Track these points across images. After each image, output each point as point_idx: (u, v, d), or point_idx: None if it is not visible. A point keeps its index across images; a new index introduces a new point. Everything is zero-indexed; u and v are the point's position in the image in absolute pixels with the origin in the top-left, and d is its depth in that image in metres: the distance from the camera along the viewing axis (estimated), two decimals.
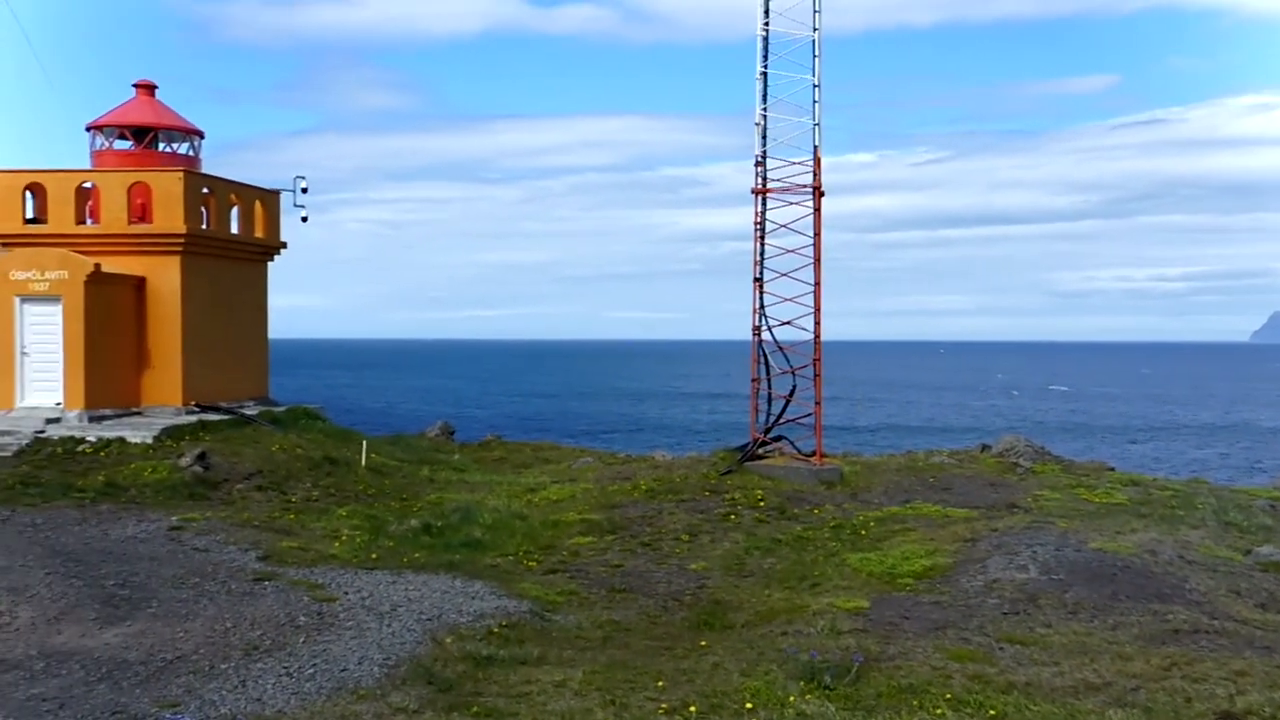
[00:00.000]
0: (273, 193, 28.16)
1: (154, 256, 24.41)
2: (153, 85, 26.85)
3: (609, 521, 17.46)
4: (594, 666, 10.27)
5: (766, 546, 16.03)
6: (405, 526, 17.11)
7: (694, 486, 19.40)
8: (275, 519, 17.62)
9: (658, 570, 14.93)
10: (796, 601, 12.86)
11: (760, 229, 21.36)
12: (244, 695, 9.35)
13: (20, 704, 9.02)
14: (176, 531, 16.07)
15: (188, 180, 24.49)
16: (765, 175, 21.35)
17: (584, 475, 22.95)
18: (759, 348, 21.52)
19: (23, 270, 22.96)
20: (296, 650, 10.63)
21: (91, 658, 10.30)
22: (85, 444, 21.02)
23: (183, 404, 24.37)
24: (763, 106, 21.24)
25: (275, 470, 20.87)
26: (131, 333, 24.20)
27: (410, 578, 13.77)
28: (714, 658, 10.59)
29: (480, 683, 9.77)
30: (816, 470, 20.50)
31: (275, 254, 28.70)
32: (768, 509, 18.09)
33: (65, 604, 12.13)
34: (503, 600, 12.79)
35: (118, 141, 26.22)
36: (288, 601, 12.38)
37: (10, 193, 24.72)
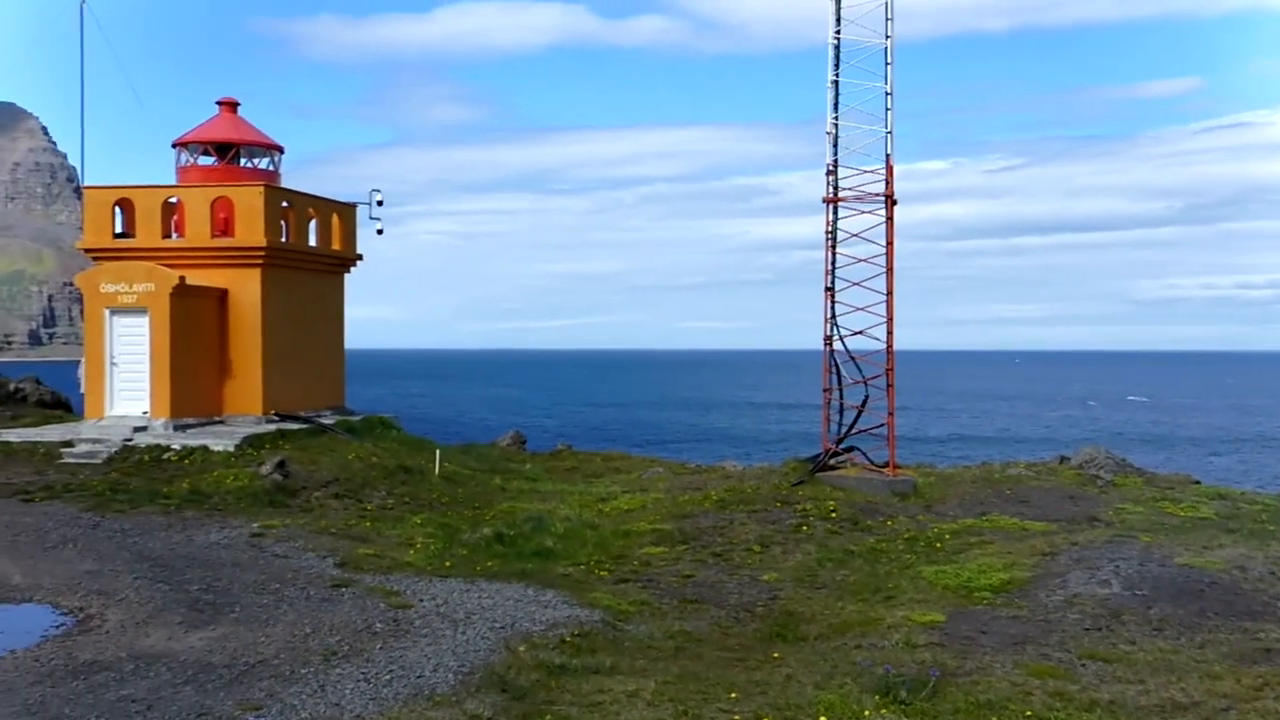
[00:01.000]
0: (349, 206, 28.72)
1: (236, 269, 25.03)
2: (235, 102, 27.58)
3: (680, 531, 17.45)
4: (666, 677, 10.26)
5: (839, 558, 15.89)
6: (478, 535, 17.28)
7: (765, 497, 19.30)
8: (352, 526, 17.93)
9: (729, 581, 14.88)
10: (870, 614, 12.72)
11: (832, 238, 21.21)
12: (323, 700, 9.52)
13: (111, 704, 9.29)
14: (257, 538, 16.45)
15: (268, 195, 25.08)
16: (837, 184, 21.20)
17: (654, 485, 22.96)
18: (830, 357, 21.36)
19: (112, 283, 23.71)
20: (373, 656, 10.80)
21: (178, 660, 10.57)
22: (170, 452, 21.60)
23: (263, 413, 24.93)
24: (834, 115, 21.11)
25: (352, 478, 21.23)
26: (214, 343, 24.84)
27: (483, 586, 13.91)
28: (787, 670, 10.52)
29: (553, 691, 9.82)
30: (890, 481, 20.26)
31: (351, 266, 29.26)
32: (840, 520, 17.92)
33: (153, 608, 12.49)
34: (575, 609, 12.85)
35: (202, 157, 26.95)
36: (365, 608, 12.59)
37: (101, 208, 25.56)
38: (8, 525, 16.65)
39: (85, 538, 16.06)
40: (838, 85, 21.14)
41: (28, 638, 11.47)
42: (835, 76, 21.12)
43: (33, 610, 12.70)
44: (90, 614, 12.37)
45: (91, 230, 25.59)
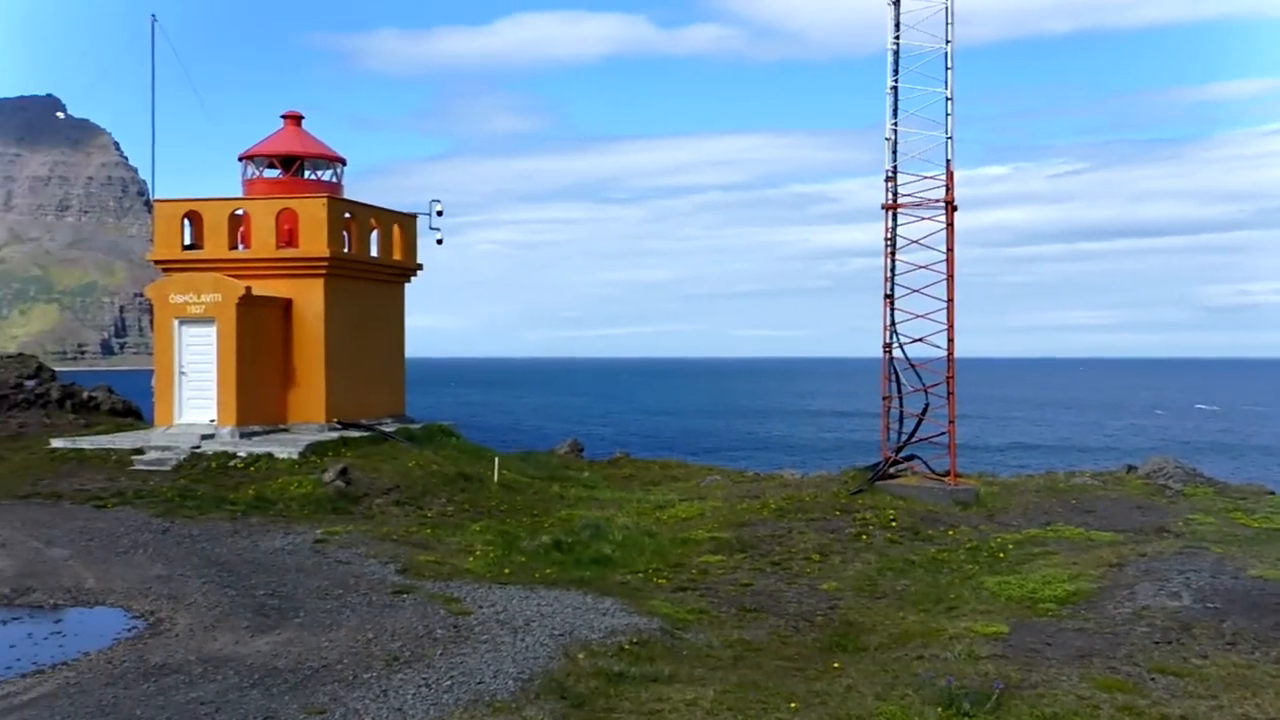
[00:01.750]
0: (410, 216, 29.10)
1: (299, 279, 25.48)
2: (299, 116, 28.11)
3: (738, 540, 17.39)
4: (725, 686, 10.22)
5: (900, 568, 15.72)
6: (537, 542, 17.37)
7: (824, 505, 19.16)
8: (413, 533, 18.13)
9: (788, 590, 14.79)
10: (932, 625, 12.57)
11: (891, 244, 21.04)
12: (385, 705, 9.63)
13: (181, 706, 9.49)
14: (321, 544, 16.70)
15: (331, 206, 25.50)
16: (896, 190, 21.03)
17: (712, 493, 22.92)
18: (890, 365, 21.16)
19: (181, 294, 24.27)
20: (434, 662, 10.90)
21: (244, 664, 10.77)
22: (237, 459, 22.02)
23: (326, 421, 25.32)
24: (893, 121, 20.95)
25: (412, 485, 21.47)
26: (279, 352, 25.29)
27: (542, 593, 13.98)
28: (847, 680, 10.43)
29: (612, 699, 9.83)
30: (951, 490, 20.01)
31: (412, 275, 29.62)
32: (900, 529, 17.73)
33: (220, 612, 12.74)
34: (633, 617, 12.86)
35: (267, 170, 27.50)
36: (425, 614, 12.71)
37: (170, 221, 26.19)
38: (82, 530, 17.11)
39: (155, 543, 16.44)
40: (897, 91, 20.98)
41: (101, 640, 11.77)
42: (894, 82, 20.97)
43: (105, 613, 13.03)
44: (160, 617, 12.64)
45: (161, 242, 26.23)
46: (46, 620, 12.78)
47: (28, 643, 11.80)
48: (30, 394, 28.28)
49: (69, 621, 12.77)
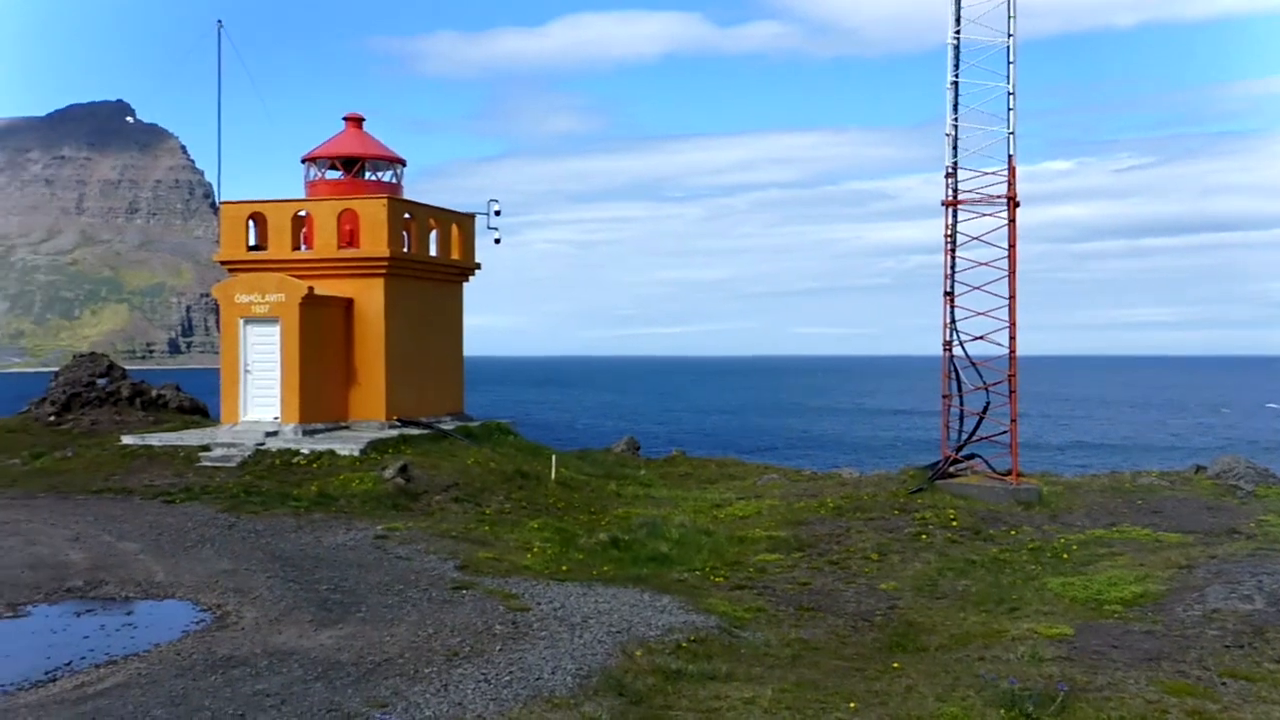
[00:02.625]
0: (468, 216, 29.37)
1: (360, 279, 25.85)
2: (360, 118, 28.51)
3: (796, 539, 17.31)
4: (783, 685, 10.18)
5: (960, 568, 15.53)
6: (594, 540, 17.44)
7: (883, 505, 19.00)
8: (471, 530, 18.30)
9: (847, 589, 14.69)
10: (994, 626, 12.40)
11: (951, 241, 20.79)
12: (446, 699, 9.73)
13: (247, 698, 9.68)
14: (381, 540, 16.93)
15: (391, 206, 25.83)
16: (957, 186, 20.77)
17: (769, 492, 22.84)
18: (950, 363, 20.91)
19: (246, 294, 24.75)
20: (493, 658, 10.99)
21: (309, 657, 10.95)
22: (300, 456, 22.40)
23: (386, 419, 25.66)
24: (954, 116, 20.70)
25: (471, 483, 21.67)
26: (340, 351, 25.69)
27: (600, 590, 14.03)
28: (907, 680, 10.33)
29: (670, 696, 9.84)
30: (1013, 490, 19.72)
31: (470, 275, 29.89)
32: (961, 529, 17.51)
33: (284, 606, 12.98)
34: (690, 615, 12.86)
35: (329, 172, 27.93)
36: (484, 610, 12.83)
37: (236, 222, 26.73)
38: (151, 525, 17.52)
39: (222, 538, 16.79)
40: (957, 86, 20.72)
41: (170, 632, 12.05)
42: (955, 77, 20.71)
43: (174, 606, 13.34)
44: (227, 611, 12.91)
45: (227, 243, 26.77)
46: (118, 612, 13.11)
47: (100, 634, 12.12)
48: (102, 392, 29.01)
49: (140, 614, 13.09)
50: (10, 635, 12.16)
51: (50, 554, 15.54)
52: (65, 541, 16.32)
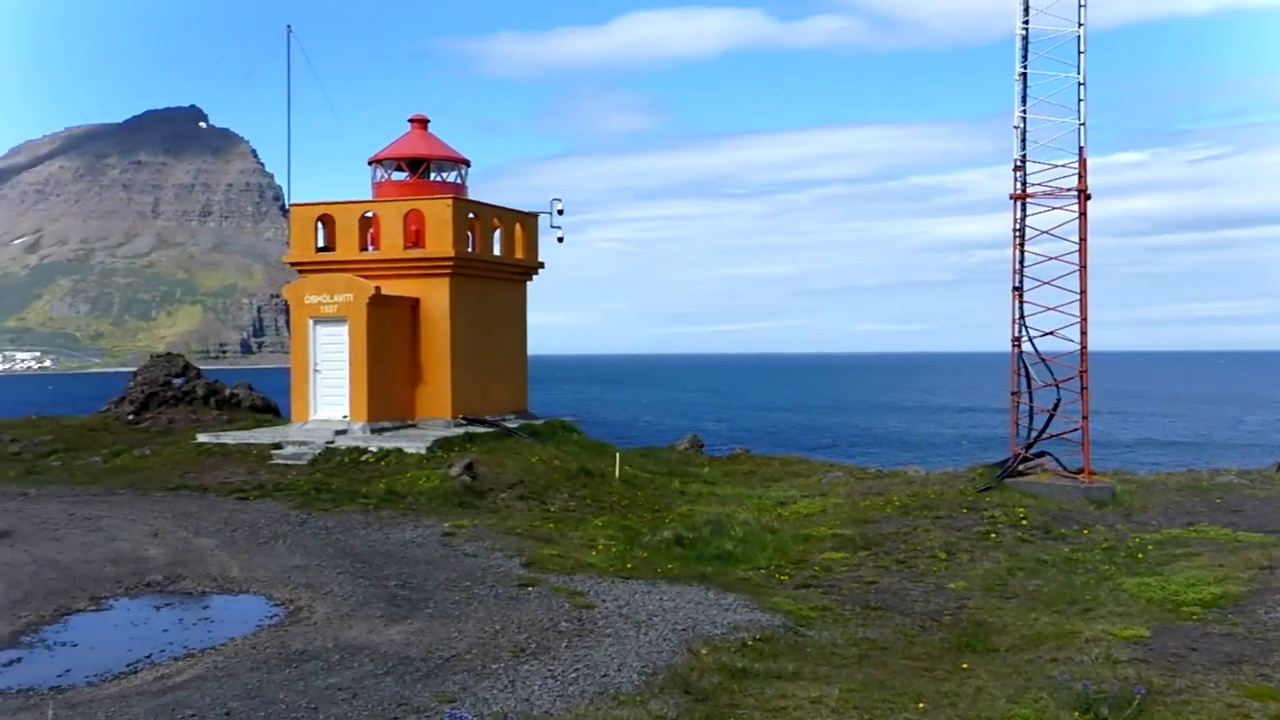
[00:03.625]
0: (531, 215, 29.56)
1: (426, 279, 26.16)
2: (425, 119, 28.85)
3: (861, 537, 17.16)
4: (850, 684, 10.10)
5: (1031, 567, 15.26)
6: (658, 537, 17.47)
7: (950, 503, 18.75)
8: (536, 527, 18.43)
9: (914, 588, 14.52)
10: (1066, 627, 12.17)
11: (1020, 236, 20.44)
12: (513, 695, 9.81)
13: (320, 692, 9.86)
14: (448, 537, 17.13)
15: (456, 207, 26.10)
16: (1025, 180, 20.42)
17: (834, 490, 22.67)
18: (1019, 359, 20.57)
19: (315, 294, 25.19)
20: (560, 654, 11.05)
21: (379, 652, 11.12)
22: (368, 454, 22.75)
23: (451, 417, 25.94)
24: (1022, 108, 20.34)
25: (535, 480, 21.82)
26: (407, 350, 26.03)
27: (664, 588, 14.04)
28: (977, 681, 10.18)
29: (736, 695, 9.81)
30: (1085, 488, 19.34)
31: (534, 274, 30.09)
32: (1031, 528, 17.22)
33: (355, 601, 13.19)
34: (756, 613, 12.82)
35: (395, 173, 28.30)
36: (550, 607, 12.91)
37: (305, 224, 27.21)
38: (226, 521, 17.93)
39: (294, 534, 17.12)
40: (1026, 77, 20.37)
41: (245, 627, 12.32)
42: (1023, 68, 20.36)
43: (249, 601, 13.63)
44: (299, 606, 13.16)
45: (297, 245, 27.27)
46: (195, 606, 13.44)
47: (178, 627, 12.44)
48: (178, 391, 29.75)
49: (215, 608, 13.41)
50: (94, 628, 12.53)
51: (130, 549, 15.98)
52: (144, 537, 16.77)
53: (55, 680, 10.51)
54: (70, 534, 17.00)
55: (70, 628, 12.45)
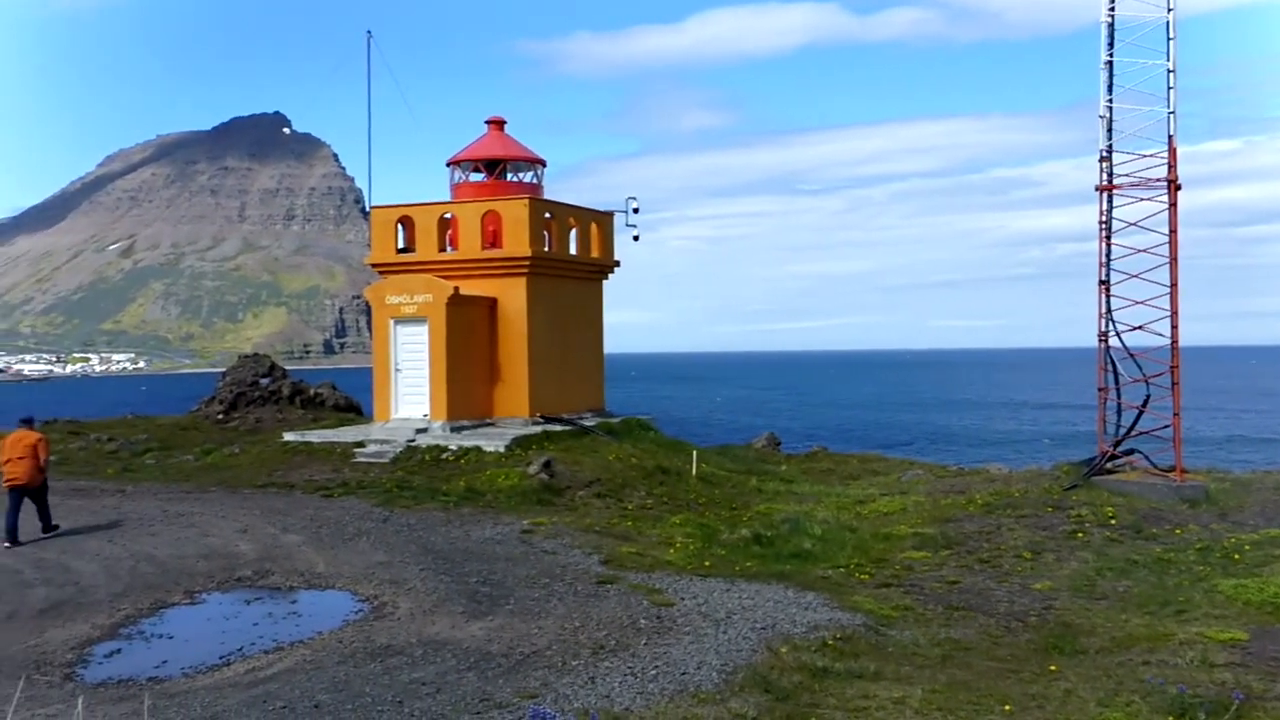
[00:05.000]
0: (606, 214, 29.66)
1: (503, 279, 26.42)
2: (502, 121, 29.14)
3: (943, 536, 16.89)
4: (934, 685, 9.96)
5: (1121, 568, 14.87)
6: (736, 535, 17.41)
7: (1035, 501, 18.36)
8: (614, 525, 18.50)
9: (998, 588, 14.26)
10: (1159, 629, 11.84)
11: (1106, 228, 19.92)
12: (593, 691, 9.87)
13: (404, 686, 10.04)
14: (527, 535, 17.29)
15: (532, 207, 26.32)
16: (1112, 170, 19.89)
17: (914, 488, 22.34)
18: (1106, 355, 20.05)
19: (395, 295, 25.62)
20: (639, 652, 11.09)
21: (461, 648, 11.28)
22: (448, 452, 23.07)
23: (529, 415, 26.17)
24: (1108, 97, 19.82)
25: (612, 478, 21.90)
26: (485, 350, 26.32)
27: (743, 586, 14.00)
28: (1065, 684, 9.96)
29: (817, 694, 9.74)
30: (1177, 487, 18.78)
31: (609, 272, 30.19)
32: (1120, 527, 16.78)
33: (437, 598, 13.40)
34: (836, 612, 12.71)
35: (473, 174, 28.62)
36: (629, 605, 12.96)
37: (385, 226, 27.69)
38: (312, 518, 18.34)
39: (377, 531, 17.44)
40: (1112, 65, 19.83)
41: (331, 621, 12.60)
42: (1109, 56, 19.82)
43: (335, 596, 13.93)
44: (383, 601, 13.41)
45: (378, 247, 27.76)
46: (284, 601, 13.78)
47: (268, 621, 12.77)
48: (265, 391, 30.52)
49: (303, 602, 13.73)
50: (188, 621, 12.94)
51: (221, 545, 16.44)
52: (235, 533, 17.24)
53: (153, 671, 10.88)
54: (165, 530, 17.56)
55: (166, 620, 12.87)
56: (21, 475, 17.20)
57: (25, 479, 17.20)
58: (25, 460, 17.28)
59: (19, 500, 17.13)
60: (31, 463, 17.29)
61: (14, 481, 17.22)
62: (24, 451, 17.34)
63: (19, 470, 17.22)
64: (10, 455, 17.37)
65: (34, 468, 17.29)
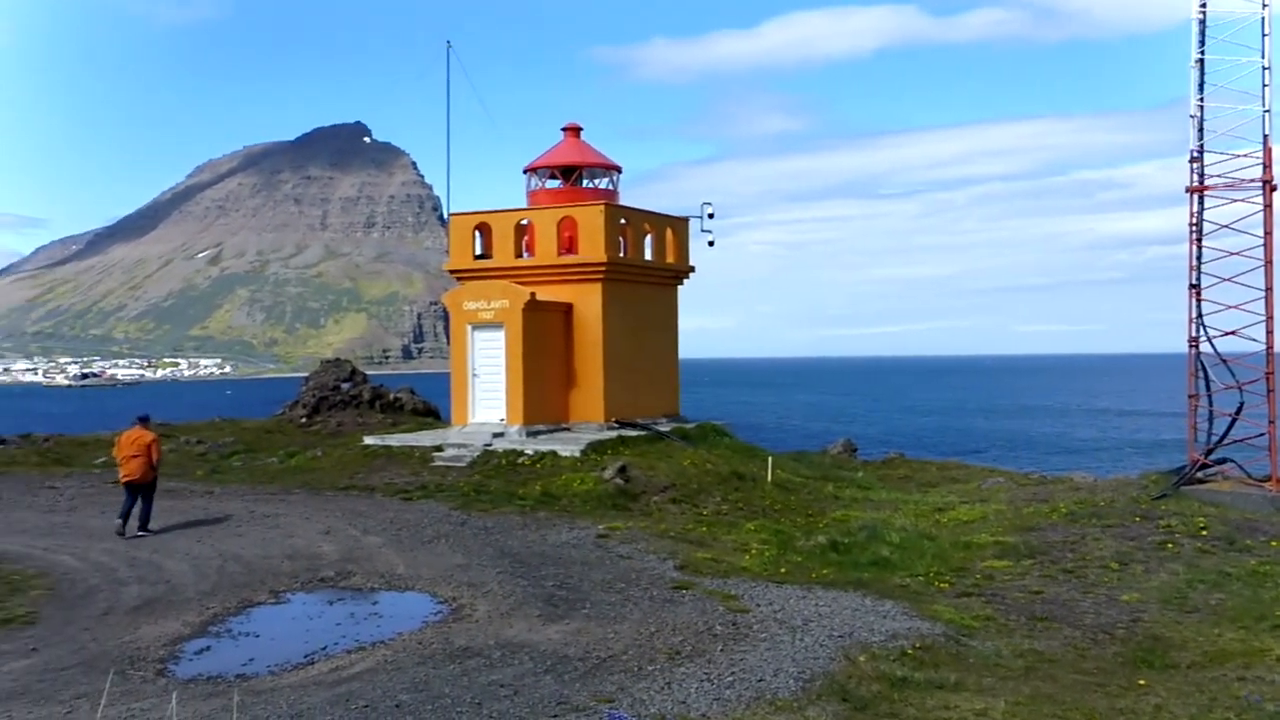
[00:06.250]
0: (682, 220, 29.66)
1: (579, 284, 26.57)
2: (578, 128, 29.33)
3: (1026, 545, 16.55)
4: (1017, 698, 9.75)
5: (1213, 580, 14.40)
6: (812, 542, 17.27)
7: (1121, 511, 17.90)
8: (689, 530, 18.48)
9: (1084, 599, 13.91)
10: (1254, 644, 11.44)
11: (1197, 230, 19.36)
12: (670, 697, 9.85)
13: (483, 687, 10.14)
14: (603, 539, 17.35)
15: (608, 213, 26.43)
16: (1203, 171, 19.33)
17: (995, 496, 21.94)
18: (1197, 360, 19.47)
19: (472, 301, 25.93)
20: (715, 658, 11.04)
21: (538, 651, 11.35)
22: (524, 456, 23.26)
23: (604, 420, 26.26)
24: (1199, 96, 19.27)
25: (687, 484, 21.89)
26: (560, 355, 26.50)
27: (820, 593, 13.87)
28: (1155, 699, 9.68)
29: (896, 704, 9.60)
30: (1272, 497, 18.15)
31: (685, 278, 30.18)
32: (1212, 538, 16.26)
33: (514, 601, 13.51)
34: (915, 621, 12.52)
35: (549, 181, 28.84)
36: (704, 610, 12.92)
37: (463, 232, 28.05)
38: (392, 521, 18.65)
39: (455, 534, 17.66)
40: (1203, 64, 19.30)
41: (411, 623, 12.77)
42: (1200, 54, 19.29)
43: (414, 598, 14.12)
44: (461, 604, 13.56)
45: (456, 253, 28.13)
46: (365, 602, 14.01)
47: (350, 621, 12.99)
48: (346, 395, 31.13)
49: (384, 604, 13.94)
50: (274, 620, 13.23)
51: (305, 546, 16.80)
52: (318, 535, 17.61)
53: (240, 669, 11.15)
54: (251, 530, 18.00)
55: (252, 619, 13.18)
56: (135, 472, 18.01)
57: (138, 476, 17.99)
58: (139, 458, 18.07)
59: (134, 496, 17.92)
60: (145, 461, 18.09)
61: (128, 478, 18.02)
62: (139, 450, 18.13)
63: (133, 468, 18.03)
64: (126, 453, 18.16)
65: (146, 465, 18.09)
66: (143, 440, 18.22)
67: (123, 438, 18.62)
